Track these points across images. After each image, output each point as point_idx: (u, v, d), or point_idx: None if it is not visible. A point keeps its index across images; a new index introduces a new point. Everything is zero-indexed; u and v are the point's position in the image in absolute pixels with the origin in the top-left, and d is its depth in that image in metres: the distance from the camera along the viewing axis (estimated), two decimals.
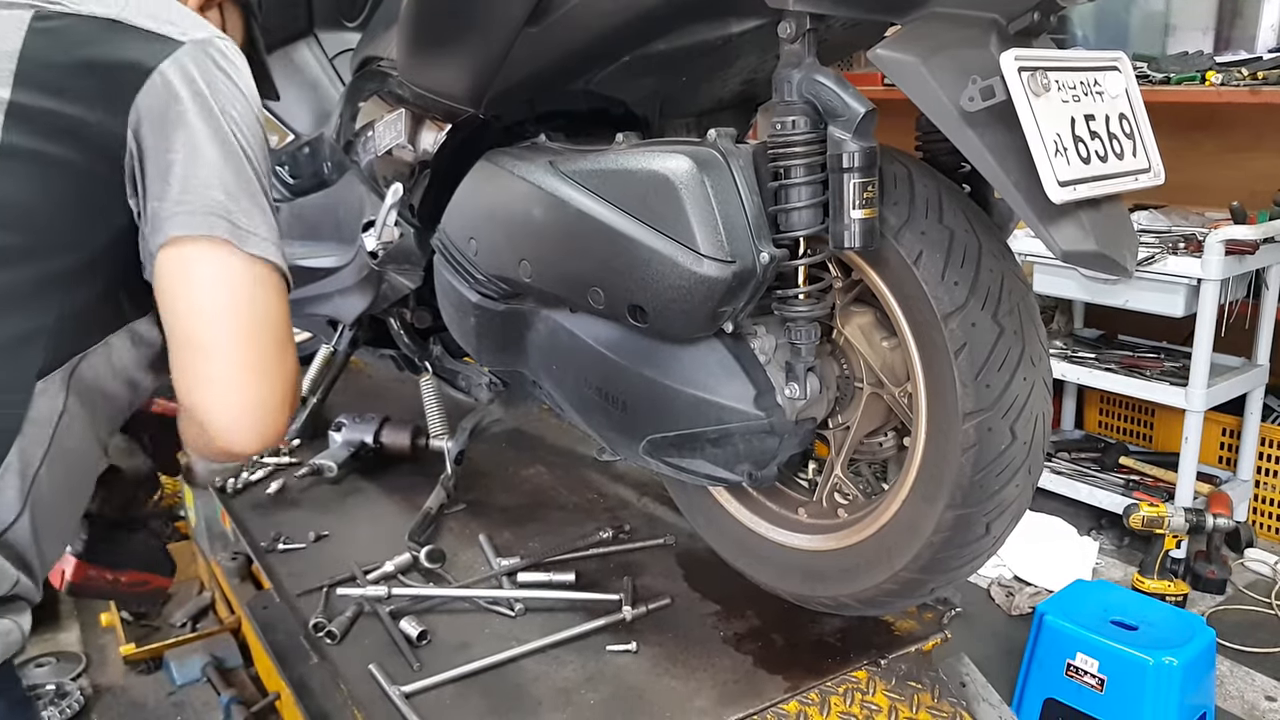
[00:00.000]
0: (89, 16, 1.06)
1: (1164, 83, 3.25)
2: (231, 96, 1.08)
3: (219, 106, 1.06)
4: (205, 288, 1.06)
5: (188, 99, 1.05)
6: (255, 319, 1.07)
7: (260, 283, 1.08)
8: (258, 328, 1.08)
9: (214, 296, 1.06)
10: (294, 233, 2.29)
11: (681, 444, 1.41)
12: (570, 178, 1.36)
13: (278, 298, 1.10)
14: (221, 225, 1.05)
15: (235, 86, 1.09)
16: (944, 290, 1.21)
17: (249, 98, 1.11)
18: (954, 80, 1.05)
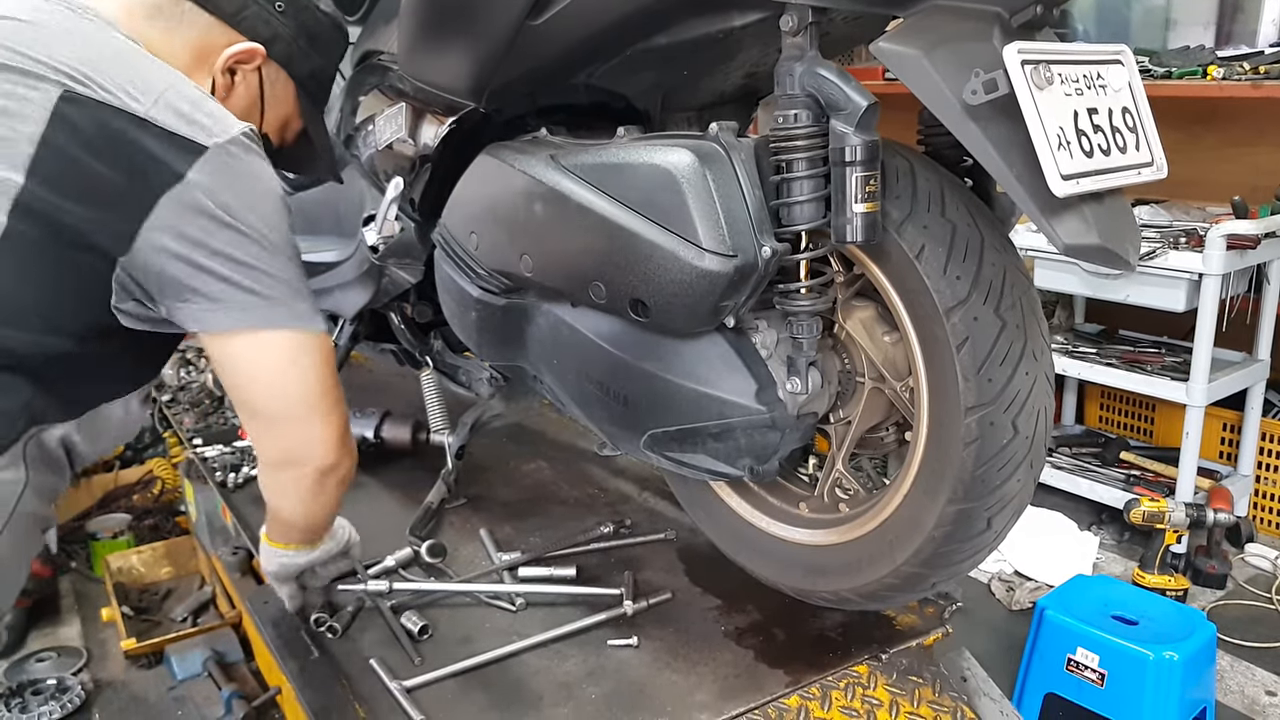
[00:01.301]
0: (117, 110, 1.08)
1: (1165, 77, 3.24)
2: (254, 194, 1.14)
3: (243, 208, 1.12)
4: (251, 374, 1.21)
5: (212, 208, 1.10)
6: (307, 382, 1.23)
7: (305, 349, 1.21)
8: (310, 388, 1.23)
9: (261, 380, 1.22)
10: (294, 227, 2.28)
11: (683, 439, 1.41)
12: (571, 172, 1.35)
13: (322, 353, 1.24)
14: (275, 314, 1.17)
15: (257, 183, 1.15)
16: (946, 284, 1.20)
17: (270, 188, 1.17)
18: (956, 73, 1.04)
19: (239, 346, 1.19)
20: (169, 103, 1.10)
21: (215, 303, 1.14)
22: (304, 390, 1.23)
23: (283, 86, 1.39)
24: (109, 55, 1.13)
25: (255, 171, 1.15)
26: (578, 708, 1.41)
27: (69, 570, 2.83)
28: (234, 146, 1.12)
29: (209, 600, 2.46)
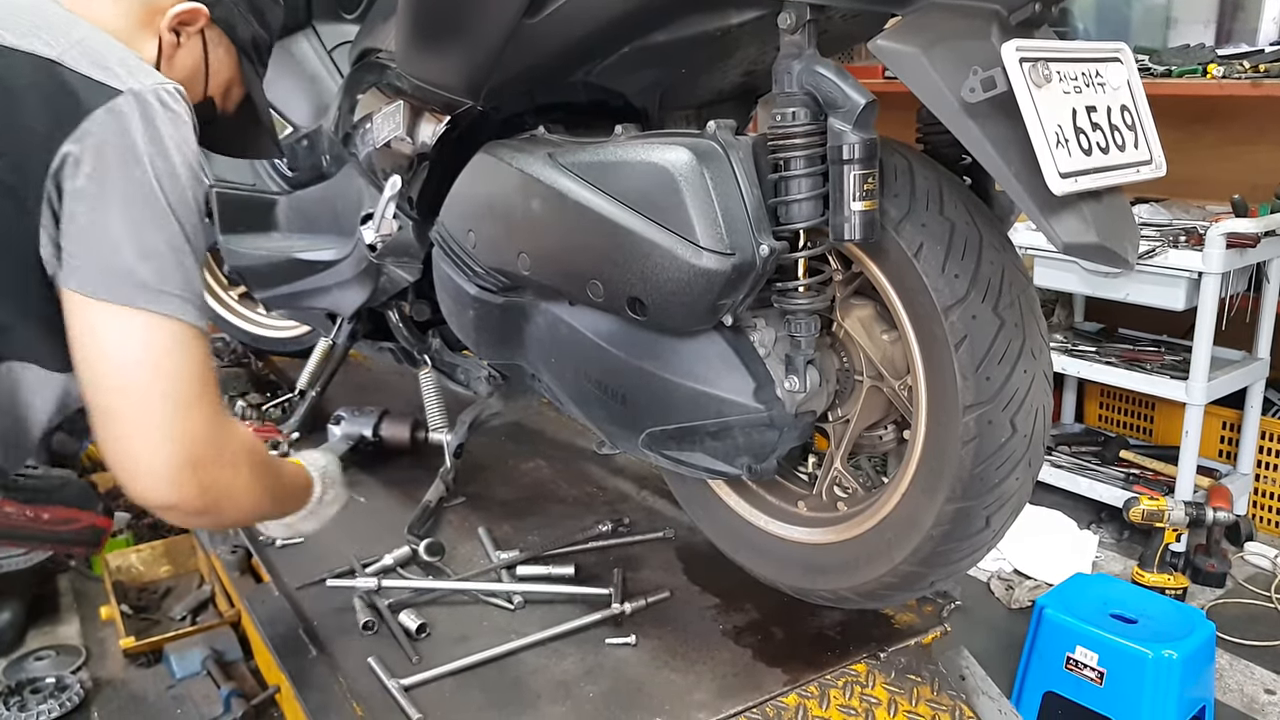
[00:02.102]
0: (29, 54, 1.06)
1: (1165, 75, 3.24)
2: (162, 150, 1.08)
3: (147, 160, 1.06)
4: (104, 352, 1.07)
5: (113, 152, 1.05)
6: (156, 382, 1.07)
7: (167, 343, 1.07)
8: (158, 391, 1.07)
9: (111, 362, 1.07)
10: (292, 226, 2.29)
11: (681, 437, 1.41)
12: (569, 170, 1.35)
13: (187, 356, 1.09)
14: (124, 289, 1.05)
15: (168, 140, 1.09)
16: (944, 283, 1.20)
17: (183, 151, 1.10)
18: (955, 71, 1.04)
19: (95, 317, 1.06)
20: (83, 50, 1.09)
21: (81, 255, 1.05)
22: (151, 390, 1.07)
23: (225, 51, 1.39)
24: (24, 7, 1.12)
25: (168, 129, 1.09)
26: (575, 706, 1.41)
27: (68, 569, 2.83)
28: (151, 96, 1.08)
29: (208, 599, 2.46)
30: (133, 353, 1.06)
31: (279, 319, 2.86)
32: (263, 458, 1.28)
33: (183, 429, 1.08)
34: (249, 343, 2.98)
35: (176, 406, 1.08)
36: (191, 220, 1.10)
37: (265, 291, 2.37)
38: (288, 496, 1.45)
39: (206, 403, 1.11)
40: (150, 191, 1.06)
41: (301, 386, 2.39)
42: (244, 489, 1.20)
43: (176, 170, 1.09)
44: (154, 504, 1.12)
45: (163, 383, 1.07)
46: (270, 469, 1.32)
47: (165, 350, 1.07)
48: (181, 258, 1.09)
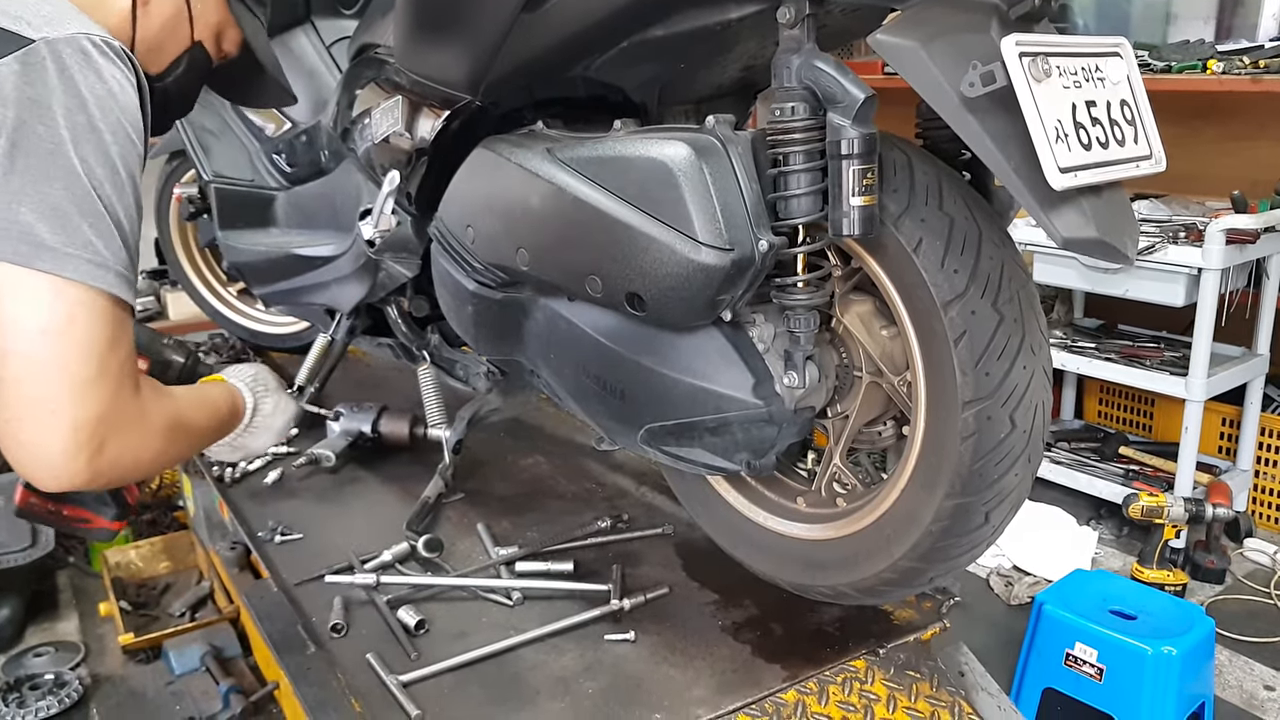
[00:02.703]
0: None
1: (1165, 71, 3.24)
2: (78, 102, 0.99)
3: (59, 113, 0.98)
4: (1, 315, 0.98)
5: (18, 104, 0.96)
6: (54, 354, 0.98)
7: (70, 310, 0.98)
8: (55, 364, 0.98)
9: (7, 327, 0.98)
10: (291, 221, 2.29)
11: (680, 433, 1.41)
12: (568, 165, 1.35)
13: (92, 325, 0.99)
14: (21, 248, 0.96)
15: (86, 93, 0.99)
16: (944, 278, 1.20)
17: (105, 106, 1.01)
18: (954, 66, 1.04)
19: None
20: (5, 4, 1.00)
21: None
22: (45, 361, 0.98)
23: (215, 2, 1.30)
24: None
25: (88, 81, 0.99)
26: (574, 702, 1.41)
27: (67, 565, 2.83)
28: (67, 47, 0.99)
29: (207, 595, 2.46)
30: (30, 319, 0.97)
31: (277, 315, 2.86)
32: (175, 418, 1.18)
33: (77, 411, 1.00)
34: (247, 339, 2.98)
35: (74, 384, 0.99)
36: (112, 179, 1.01)
37: (264, 287, 2.37)
38: (213, 431, 1.36)
39: (110, 378, 1.02)
40: (58, 147, 0.97)
41: (300, 382, 2.38)
42: (152, 456, 1.12)
43: (95, 124, 0.99)
44: (43, 485, 1.05)
45: (61, 354, 0.98)
46: (185, 426, 1.22)
47: (67, 318, 0.97)
48: (93, 220, 0.99)
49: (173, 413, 1.18)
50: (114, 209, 1.01)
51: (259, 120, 2.36)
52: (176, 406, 1.21)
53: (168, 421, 1.15)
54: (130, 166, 1.02)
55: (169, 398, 1.20)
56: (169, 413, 1.17)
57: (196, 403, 1.34)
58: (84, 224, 0.98)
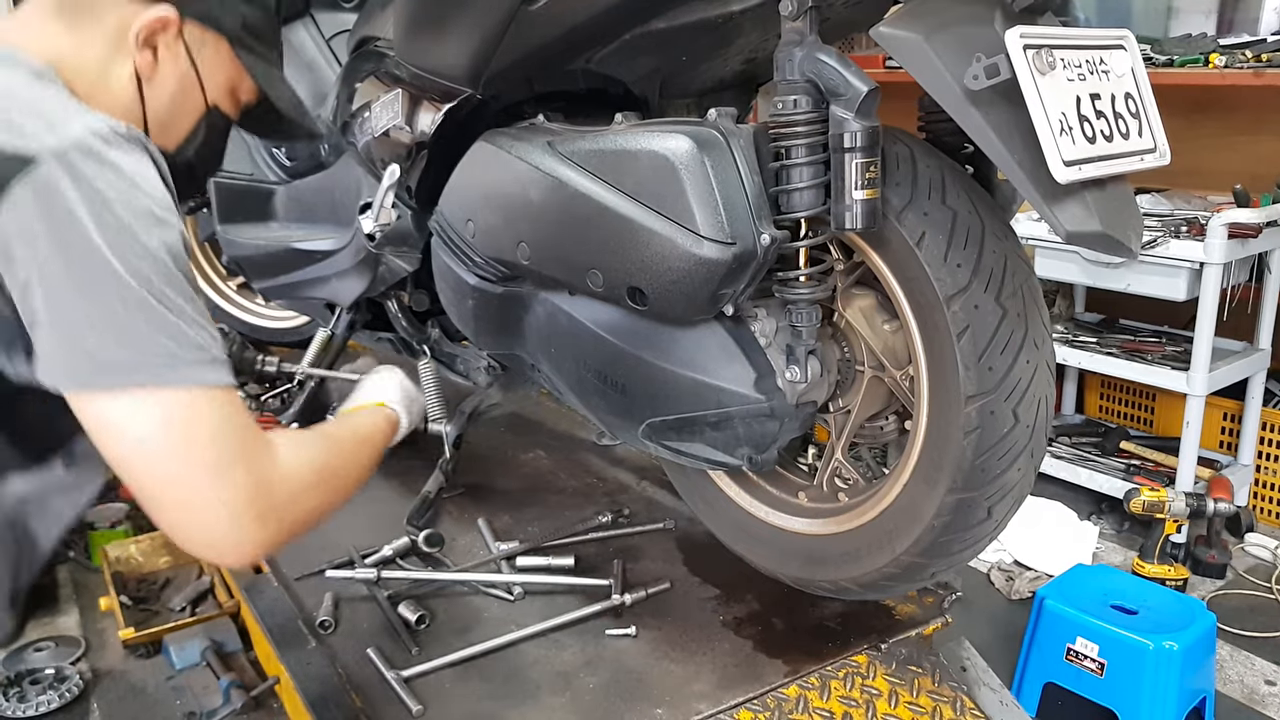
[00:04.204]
0: None
1: (1167, 65, 3.23)
2: (107, 209, 0.93)
3: (90, 226, 0.92)
4: (123, 442, 0.97)
5: (46, 232, 0.91)
6: (189, 459, 0.97)
7: (181, 414, 0.96)
8: (195, 467, 0.98)
9: (135, 451, 0.97)
10: (291, 215, 2.28)
11: (681, 428, 1.41)
12: (569, 159, 1.34)
13: (209, 416, 0.98)
14: (101, 377, 0.94)
15: (111, 196, 0.94)
16: (946, 272, 1.19)
17: (133, 201, 0.95)
18: (958, 58, 1.03)
19: (98, 409, 0.96)
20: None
21: (54, 351, 0.93)
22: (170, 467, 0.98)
23: (214, 48, 1.18)
24: None
25: (109, 182, 0.94)
26: (575, 697, 1.41)
27: (67, 560, 2.83)
28: (77, 154, 0.93)
29: (207, 590, 2.46)
30: (151, 437, 0.96)
31: (277, 309, 2.86)
32: (324, 465, 1.16)
33: (234, 493, 1.00)
34: (248, 333, 2.97)
35: (210, 479, 0.99)
36: (159, 270, 0.96)
37: (264, 282, 2.36)
38: (370, 459, 1.31)
39: (240, 459, 1.01)
40: (98, 262, 0.93)
41: (300, 377, 2.38)
42: (317, 504, 1.12)
43: (126, 223, 0.95)
44: (240, 564, 1.09)
45: (195, 456, 0.98)
46: (338, 468, 1.20)
47: (184, 422, 0.97)
48: (157, 321, 0.96)
49: (320, 461, 1.16)
50: (170, 299, 0.97)
51: None
52: (323, 453, 1.19)
53: (318, 471, 1.14)
54: (172, 246, 0.98)
55: (311, 446, 1.18)
56: (317, 463, 1.15)
57: (346, 438, 1.30)
58: (148, 328, 0.96)
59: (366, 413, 1.39)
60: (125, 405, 0.95)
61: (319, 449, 1.18)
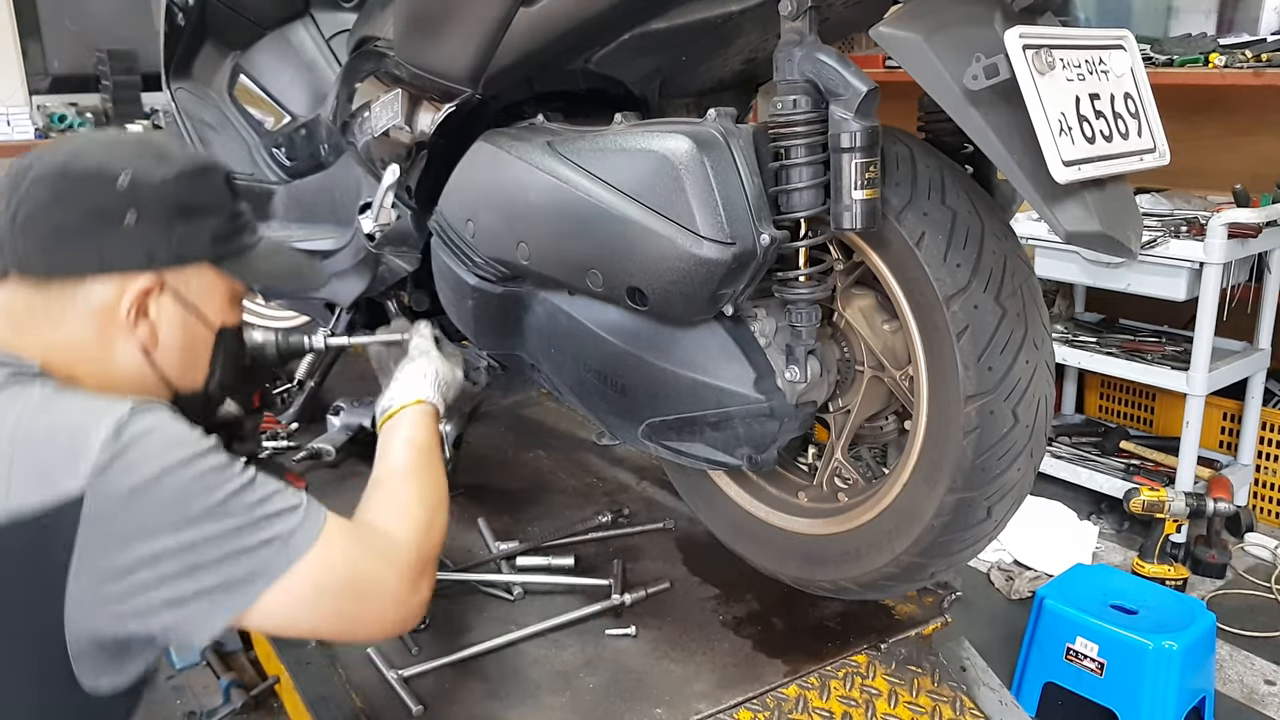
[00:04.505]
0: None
1: (1167, 65, 3.23)
2: (151, 492, 0.95)
3: (147, 520, 0.95)
4: (291, 630, 1.09)
5: (118, 539, 0.94)
6: (338, 601, 1.06)
7: (311, 583, 1.03)
8: (346, 603, 1.07)
9: (303, 629, 1.09)
10: (290, 215, 2.28)
11: (681, 428, 1.41)
12: (568, 159, 1.34)
13: (328, 565, 1.04)
14: (237, 595, 0.99)
15: (151, 472, 0.95)
16: (946, 272, 1.20)
17: (173, 468, 0.97)
18: (957, 58, 1.03)
19: (259, 622, 1.03)
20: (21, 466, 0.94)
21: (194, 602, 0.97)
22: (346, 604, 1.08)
23: (199, 277, 1.14)
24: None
25: (151, 471, 0.95)
26: (575, 697, 1.41)
27: None
28: (117, 469, 0.94)
29: None
30: (313, 605, 1.04)
31: (277, 309, 2.85)
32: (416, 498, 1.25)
33: (389, 587, 1.10)
34: None
35: (372, 586, 1.09)
36: (216, 508, 0.98)
37: None
38: (438, 461, 1.37)
39: (374, 549, 1.11)
40: (164, 546, 0.96)
41: (300, 377, 2.38)
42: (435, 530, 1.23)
43: (184, 488, 0.97)
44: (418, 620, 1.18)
45: (349, 590, 1.07)
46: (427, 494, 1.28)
47: (324, 579, 1.04)
48: (250, 533, 1.00)
49: (414, 501, 1.24)
50: (230, 522, 1.00)
51: (258, 114, 2.36)
52: (413, 493, 1.26)
53: (422, 511, 1.22)
54: (208, 479, 0.99)
55: (401, 496, 1.25)
56: (415, 508, 1.22)
57: (414, 461, 1.34)
58: (252, 542, 1.00)
59: (409, 418, 1.40)
60: (277, 603, 1.01)
61: (408, 492, 1.26)
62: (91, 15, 4.63)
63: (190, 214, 1.12)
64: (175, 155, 1.13)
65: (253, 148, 2.35)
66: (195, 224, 1.12)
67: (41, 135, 4.31)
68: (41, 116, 4.38)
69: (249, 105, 2.37)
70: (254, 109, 2.36)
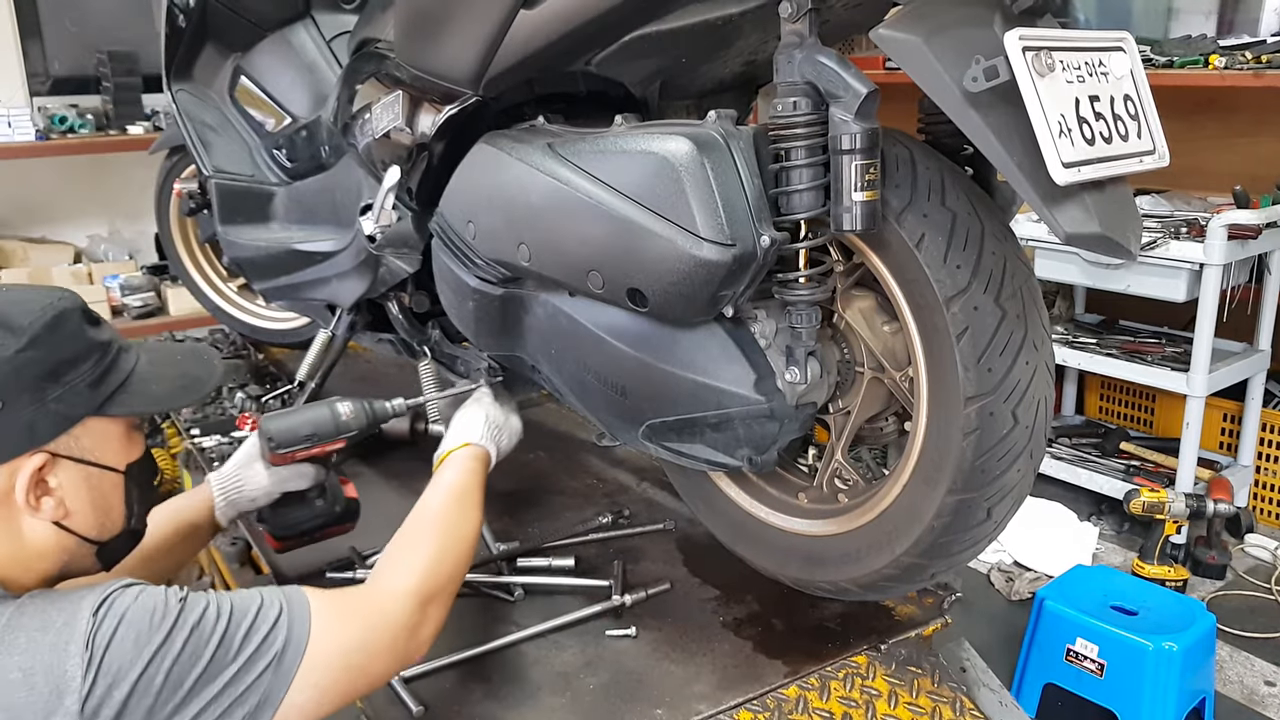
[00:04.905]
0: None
1: (1167, 66, 3.23)
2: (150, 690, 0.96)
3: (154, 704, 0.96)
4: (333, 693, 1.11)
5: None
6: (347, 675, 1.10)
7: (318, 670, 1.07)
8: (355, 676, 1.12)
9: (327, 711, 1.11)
10: (291, 217, 2.28)
11: (681, 429, 1.41)
12: (569, 160, 1.34)
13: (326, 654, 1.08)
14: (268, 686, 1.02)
15: (141, 687, 0.96)
16: (946, 273, 1.20)
17: (154, 667, 0.97)
18: (957, 60, 1.04)
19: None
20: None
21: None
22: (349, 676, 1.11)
23: (88, 431, 1.07)
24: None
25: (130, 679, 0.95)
26: (575, 698, 1.41)
27: None
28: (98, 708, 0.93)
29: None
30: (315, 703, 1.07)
31: (278, 310, 2.86)
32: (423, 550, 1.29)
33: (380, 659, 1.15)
34: (248, 334, 2.98)
35: (362, 664, 1.12)
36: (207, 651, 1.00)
37: (264, 283, 2.37)
38: (469, 507, 1.42)
39: (360, 615, 1.15)
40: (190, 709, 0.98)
41: (301, 378, 2.38)
42: (443, 576, 1.28)
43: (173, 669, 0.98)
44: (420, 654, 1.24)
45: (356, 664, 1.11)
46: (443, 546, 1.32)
47: (317, 685, 1.07)
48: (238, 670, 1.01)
49: (420, 553, 1.29)
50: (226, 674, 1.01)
51: (259, 116, 2.36)
52: (423, 544, 1.31)
53: (425, 563, 1.27)
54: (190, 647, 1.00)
55: (410, 551, 1.30)
56: (418, 561, 1.27)
57: (438, 509, 1.41)
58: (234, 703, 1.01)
59: (453, 462, 1.49)
60: (289, 713, 1.04)
61: (423, 533, 1.34)
62: (92, 16, 4.63)
63: (59, 374, 1.03)
64: (20, 318, 1.02)
65: (253, 149, 2.36)
66: (67, 382, 1.03)
67: (42, 137, 4.31)
68: (42, 118, 4.38)
69: (250, 107, 2.37)
70: (255, 110, 2.36)
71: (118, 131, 4.48)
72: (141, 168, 3.54)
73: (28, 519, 1.04)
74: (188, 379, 1.21)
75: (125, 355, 1.12)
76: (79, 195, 4.71)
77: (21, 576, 1.05)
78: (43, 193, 4.64)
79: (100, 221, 4.81)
